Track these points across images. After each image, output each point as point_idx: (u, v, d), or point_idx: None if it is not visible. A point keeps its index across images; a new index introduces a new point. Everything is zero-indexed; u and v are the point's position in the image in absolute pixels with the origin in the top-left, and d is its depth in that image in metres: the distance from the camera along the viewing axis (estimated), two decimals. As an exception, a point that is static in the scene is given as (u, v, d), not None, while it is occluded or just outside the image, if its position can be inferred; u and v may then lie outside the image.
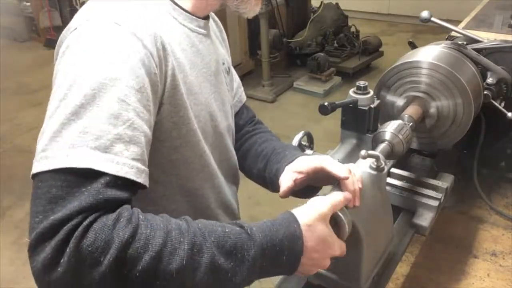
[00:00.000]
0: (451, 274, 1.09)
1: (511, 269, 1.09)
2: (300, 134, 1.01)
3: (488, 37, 1.23)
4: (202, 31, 0.87)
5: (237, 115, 1.08)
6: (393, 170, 1.05)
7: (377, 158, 0.80)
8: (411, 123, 0.94)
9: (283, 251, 0.69)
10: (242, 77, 4.96)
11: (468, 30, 1.29)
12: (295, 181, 0.88)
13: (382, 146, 0.88)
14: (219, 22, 1.06)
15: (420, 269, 1.11)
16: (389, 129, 0.87)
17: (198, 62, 0.85)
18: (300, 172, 0.88)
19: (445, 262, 1.13)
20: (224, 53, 1.01)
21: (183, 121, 0.80)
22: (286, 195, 0.90)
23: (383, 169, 0.81)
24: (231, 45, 1.10)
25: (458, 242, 1.18)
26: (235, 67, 1.09)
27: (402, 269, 1.10)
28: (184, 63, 0.81)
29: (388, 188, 1.02)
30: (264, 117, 4.23)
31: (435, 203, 0.98)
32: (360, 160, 0.83)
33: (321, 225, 0.72)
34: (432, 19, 1.13)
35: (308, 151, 1.02)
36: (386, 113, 1.10)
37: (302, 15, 4.91)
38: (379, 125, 1.03)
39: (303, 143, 1.02)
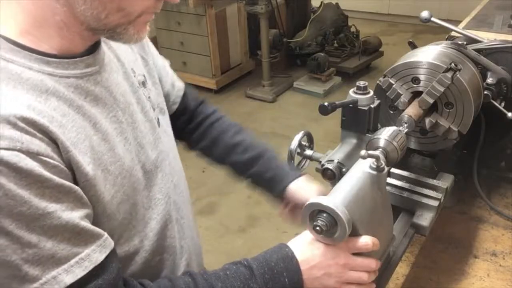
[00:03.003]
0: (451, 274, 1.09)
1: (511, 269, 1.09)
2: (300, 134, 1.01)
3: (488, 37, 1.23)
4: (94, 69, 0.74)
5: (183, 101, 1.08)
6: (393, 170, 1.05)
7: (377, 158, 0.79)
8: (406, 130, 0.93)
9: (282, 272, 0.76)
10: (242, 77, 4.99)
11: (468, 30, 1.29)
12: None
13: (378, 151, 0.86)
14: None
15: (420, 269, 1.11)
16: (384, 135, 0.86)
17: (101, 110, 0.74)
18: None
19: (445, 262, 1.13)
20: (131, 61, 0.87)
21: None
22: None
23: (383, 169, 0.80)
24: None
25: (458, 242, 1.18)
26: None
27: (402, 269, 1.10)
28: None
29: (388, 188, 1.02)
30: (264, 117, 4.28)
31: (435, 203, 0.98)
32: (360, 160, 0.82)
33: (313, 245, 0.79)
34: (432, 19, 1.13)
35: (308, 151, 1.02)
36: (385, 113, 1.10)
37: (302, 15, 4.91)
38: (379, 125, 1.03)
39: (303, 143, 1.02)
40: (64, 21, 0.66)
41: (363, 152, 0.77)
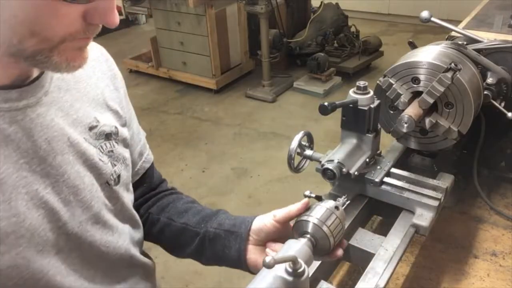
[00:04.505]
0: (451, 274, 1.09)
1: (511, 269, 1.09)
2: (300, 134, 1.01)
3: (488, 37, 1.23)
4: (15, 104, 0.64)
5: (147, 174, 0.98)
6: (393, 170, 1.05)
7: (293, 260, 0.63)
8: (344, 206, 0.81)
9: None
10: (242, 77, 5.02)
11: (468, 30, 1.29)
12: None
13: (302, 241, 0.74)
14: (101, 59, 0.86)
15: (420, 269, 1.11)
16: (313, 218, 0.75)
17: (8, 153, 0.63)
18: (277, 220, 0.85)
19: (445, 262, 1.13)
20: (89, 110, 0.77)
21: None
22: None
23: (302, 273, 0.64)
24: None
25: (458, 242, 1.18)
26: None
27: (402, 269, 1.10)
28: None
29: (388, 188, 1.02)
30: (264, 117, 4.29)
31: (435, 203, 0.98)
32: (269, 265, 0.60)
33: None
34: (432, 19, 1.13)
35: (308, 151, 1.02)
36: (385, 113, 1.10)
37: (302, 15, 4.92)
38: (378, 125, 1.03)
39: (303, 143, 1.02)
40: None
41: (268, 259, 0.57)
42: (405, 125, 0.97)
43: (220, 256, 0.91)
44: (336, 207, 0.78)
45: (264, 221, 0.88)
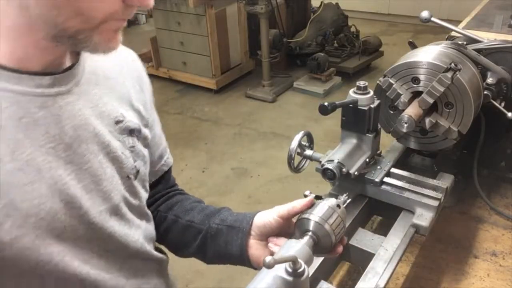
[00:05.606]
0: (451, 274, 1.09)
1: (511, 269, 1.09)
2: (300, 134, 1.01)
3: (488, 37, 1.23)
4: (47, 90, 0.66)
5: (164, 177, 1.00)
6: (393, 170, 1.06)
7: (293, 260, 0.63)
8: (345, 204, 0.82)
9: None
10: (242, 77, 5.02)
11: (468, 30, 1.29)
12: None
13: (304, 239, 0.74)
14: (129, 57, 0.88)
15: (420, 269, 1.11)
16: (315, 216, 0.75)
17: (35, 137, 0.64)
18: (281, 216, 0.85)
19: (445, 262, 1.13)
20: (119, 107, 0.79)
21: None
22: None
23: (302, 273, 0.63)
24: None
25: (458, 242, 1.18)
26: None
27: (402, 269, 1.11)
28: None
29: (388, 188, 1.02)
30: (264, 117, 4.28)
31: (435, 203, 0.98)
32: (269, 265, 0.60)
33: None
34: (432, 19, 1.13)
35: (308, 151, 1.02)
36: (385, 113, 1.10)
37: (302, 15, 4.92)
38: (379, 125, 1.03)
39: (303, 143, 1.02)
40: (16, 27, 0.58)
41: (268, 259, 0.57)
42: (405, 125, 0.97)
43: (223, 253, 0.91)
44: (338, 205, 0.79)
45: (267, 216, 0.88)
